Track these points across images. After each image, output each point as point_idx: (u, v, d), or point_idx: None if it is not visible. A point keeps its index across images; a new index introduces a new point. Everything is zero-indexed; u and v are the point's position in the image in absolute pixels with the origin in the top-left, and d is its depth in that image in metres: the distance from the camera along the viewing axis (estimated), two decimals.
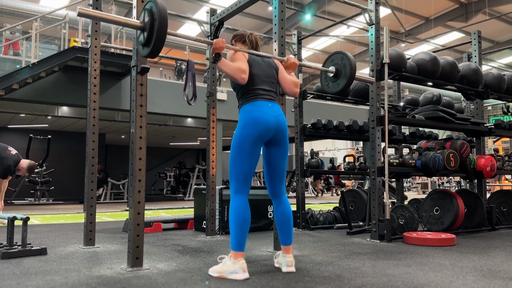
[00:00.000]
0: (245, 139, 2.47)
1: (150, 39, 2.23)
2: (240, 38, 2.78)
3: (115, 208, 8.83)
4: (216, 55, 2.46)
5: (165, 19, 2.18)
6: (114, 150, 16.45)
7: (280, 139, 2.57)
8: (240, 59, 2.54)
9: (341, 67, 3.18)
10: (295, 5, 13.51)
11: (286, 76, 2.74)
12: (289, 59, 2.81)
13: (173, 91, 10.00)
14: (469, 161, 4.53)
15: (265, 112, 2.50)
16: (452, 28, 15.29)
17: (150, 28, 2.22)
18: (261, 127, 2.47)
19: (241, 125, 2.51)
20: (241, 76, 2.46)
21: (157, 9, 2.19)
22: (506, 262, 2.80)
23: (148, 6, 2.30)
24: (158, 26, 2.17)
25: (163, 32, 2.18)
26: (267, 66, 2.68)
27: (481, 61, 5.11)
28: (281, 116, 2.59)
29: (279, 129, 2.55)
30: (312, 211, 4.93)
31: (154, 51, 2.21)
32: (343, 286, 2.15)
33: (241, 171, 2.48)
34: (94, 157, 3.47)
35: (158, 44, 2.20)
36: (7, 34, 9.19)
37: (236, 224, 2.41)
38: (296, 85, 2.73)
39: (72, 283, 2.22)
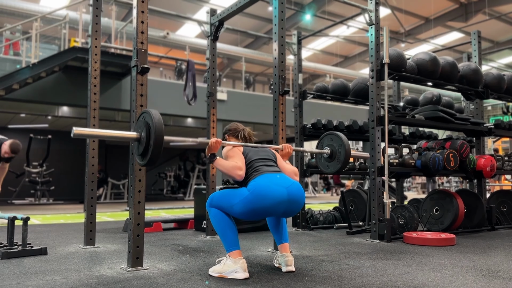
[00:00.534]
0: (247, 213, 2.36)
1: (147, 150, 2.23)
2: (233, 134, 2.77)
3: (115, 208, 8.84)
4: (211, 155, 2.47)
5: (160, 130, 2.16)
6: (114, 150, 16.45)
7: (293, 211, 2.43)
8: (235, 155, 2.51)
9: (334, 147, 3.13)
10: (295, 5, 13.51)
11: (285, 165, 2.68)
12: (284, 147, 2.80)
13: (173, 91, 10.00)
14: (469, 161, 4.53)
15: (275, 183, 2.35)
16: (452, 28, 15.29)
17: (147, 141, 2.21)
18: (270, 201, 2.30)
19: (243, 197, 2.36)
20: (238, 173, 2.41)
21: (152, 120, 2.17)
22: (506, 262, 2.81)
23: (143, 117, 2.28)
24: (154, 138, 2.16)
25: (159, 144, 2.16)
26: (263, 150, 2.66)
27: (481, 61, 5.12)
28: (293, 185, 2.41)
29: (292, 201, 2.37)
30: (312, 211, 4.93)
31: (150, 162, 2.21)
32: (343, 286, 2.16)
33: (229, 211, 2.43)
34: (94, 157, 3.47)
35: (154, 155, 2.19)
36: (7, 34, 9.19)
37: (223, 226, 2.42)
38: (296, 174, 2.67)
39: (72, 283, 2.23)
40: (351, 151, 3.09)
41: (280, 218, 2.63)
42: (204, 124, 11.52)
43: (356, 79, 5.24)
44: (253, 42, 16.40)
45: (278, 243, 2.59)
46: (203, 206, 4.32)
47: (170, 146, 17.78)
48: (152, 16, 12.44)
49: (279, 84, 3.32)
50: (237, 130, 2.78)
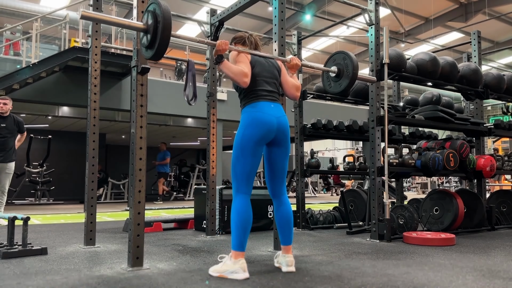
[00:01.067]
0: (247, 140, 2.47)
1: (154, 41, 2.19)
2: (240, 40, 2.76)
3: (116, 208, 8.84)
4: (219, 57, 2.43)
5: (169, 21, 2.14)
6: (115, 150, 16.45)
7: (282, 140, 2.58)
8: (243, 61, 2.52)
9: (343, 67, 3.16)
10: (295, 5, 13.51)
11: (288, 78, 2.73)
12: (292, 59, 2.79)
13: (173, 91, 10.00)
14: (468, 161, 4.54)
15: (267, 113, 2.51)
16: (452, 28, 15.29)
17: (154, 31, 2.18)
18: (263, 128, 2.48)
19: (243, 126, 2.52)
20: (243, 80, 2.44)
21: (161, 11, 2.15)
22: (505, 262, 2.81)
23: (151, 8, 2.26)
24: (162, 28, 2.13)
25: (167, 34, 2.14)
26: (270, 66, 2.67)
27: (480, 61, 5.12)
28: (283, 117, 2.60)
29: (281, 130, 2.56)
30: (312, 211, 4.93)
31: (158, 53, 2.18)
32: (343, 286, 2.16)
33: (243, 172, 2.49)
34: (94, 157, 3.47)
35: (162, 47, 2.16)
36: (7, 34, 9.20)
37: (238, 224, 2.42)
38: (297, 88, 2.72)
39: (72, 283, 2.23)
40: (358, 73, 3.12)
41: (289, 220, 2.60)
42: (204, 124, 11.50)
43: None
44: None
45: (282, 243, 2.59)
46: (203, 206, 4.33)
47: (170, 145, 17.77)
48: None
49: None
50: (243, 36, 2.77)
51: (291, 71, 2.80)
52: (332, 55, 3.41)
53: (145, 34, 2.28)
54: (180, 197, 13.55)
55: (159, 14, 2.17)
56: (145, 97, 2.66)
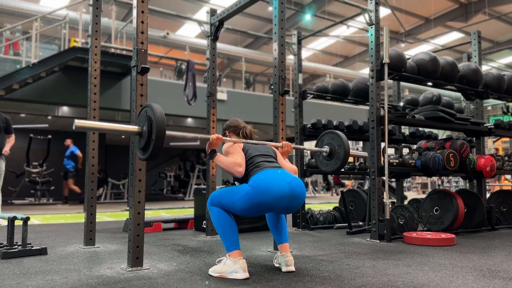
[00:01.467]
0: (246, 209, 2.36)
1: (148, 145, 2.22)
2: (234, 131, 2.76)
3: (115, 208, 8.84)
4: (212, 152, 2.48)
5: (162, 125, 2.16)
6: (114, 150, 16.45)
7: (294, 207, 2.41)
8: (235, 151, 2.51)
9: (333, 146, 3.11)
10: (295, 5, 13.51)
11: (284, 163, 2.68)
12: (284, 145, 2.81)
13: (173, 91, 10.00)
14: (469, 161, 4.53)
15: (276, 178, 2.34)
16: (452, 28, 15.29)
17: (149, 135, 2.21)
18: (271, 195, 2.29)
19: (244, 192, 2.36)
20: (238, 170, 2.42)
21: (154, 114, 2.16)
22: (506, 262, 2.81)
23: (144, 111, 2.28)
24: (156, 132, 2.15)
25: (161, 138, 2.16)
26: (264, 146, 2.65)
27: (481, 61, 5.12)
28: (295, 180, 2.41)
29: (294, 196, 2.36)
30: (312, 211, 4.93)
31: (152, 156, 2.20)
32: (343, 286, 2.16)
33: (230, 208, 2.42)
34: (94, 157, 3.47)
35: (156, 150, 2.19)
36: (7, 34, 9.20)
37: (224, 226, 2.41)
38: (295, 172, 2.65)
39: (72, 283, 2.23)
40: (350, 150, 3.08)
41: (280, 218, 2.63)
42: (204, 124, 11.52)
43: (356, 79, 5.24)
44: (253, 42, 16.40)
45: (278, 243, 2.59)
46: (203, 206, 4.33)
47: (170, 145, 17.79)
48: (152, 16, 12.44)
49: (279, 84, 3.32)
50: (238, 127, 2.76)
51: (284, 156, 2.80)
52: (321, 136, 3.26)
53: (140, 137, 2.29)
54: (180, 197, 13.54)
55: (152, 119, 2.20)
56: (145, 97, 2.66)
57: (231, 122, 2.79)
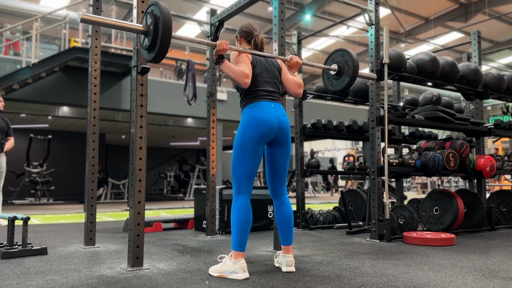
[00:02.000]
0: (247, 140, 2.46)
1: (154, 43, 2.17)
2: (246, 37, 2.72)
3: (115, 208, 8.84)
4: (219, 57, 2.42)
5: (169, 22, 2.11)
6: (115, 150, 16.46)
7: (283, 139, 2.57)
8: (244, 61, 2.50)
9: (343, 64, 3.12)
10: (295, 5, 13.51)
11: (289, 76, 2.71)
12: (292, 58, 2.78)
13: (173, 91, 10.01)
14: (468, 161, 4.54)
15: (268, 113, 2.49)
16: (451, 28, 15.29)
17: (155, 33, 2.15)
18: (264, 127, 2.46)
19: (243, 125, 2.51)
20: (244, 81, 2.43)
21: (161, 12, 2.13)
22: (505, 262, 2.81)
23: (151, 9, 2.24)
24: (163, 30, 2.10)
25: (167, 36, 2.11)
26: (270, 66, 2.65)
27: (480, 61, 5.12)
28: (284, 116, 2.58)
29: (281, 129, 2.54)
30: (312, 211, 4.93)
31: (159, 55, 2.16)
32: (343, 286, 2.16)
33: (243, 171, 2.47)
34: (94, 157, 3.47)
35: (163, 49, 2.14)
36: (7, 34, 9.20)
37: (238, 224, 2.41)
38: (299, 86, 2.70)
39: (72, 283, 2.23)
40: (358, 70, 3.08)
41: (288, 220, 2.60)
42: (204, 124, 11.52)
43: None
44: None
45: (282, 244, 2.59)
46: (203, 206, 4.33)
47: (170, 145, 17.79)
48: None
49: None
50: (250, 33, 2.71)
51: (292, 70, 2.79)
52: (331, 54, 3.37)
53: (146, 36, 2.25)
54: (180, 197, 13.55)
55: (159, 16, 2.14)
56: (145, 97, 2.66)
57: (245, 27, 2.76)
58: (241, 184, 2.49)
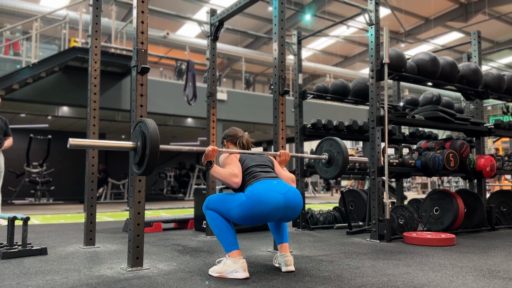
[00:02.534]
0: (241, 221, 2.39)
1: (142, 161, 2.25)
2: (231, 140, 2.78)
3: (115, 208, 8.84)
4: (208, 163, 2.46)
5: (156, 143, 2.18)
6: (114, 150, 16.45)
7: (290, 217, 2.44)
8: (231, 162, 2.52)
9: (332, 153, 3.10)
10: (295, 5, 13.51)
11: (282, 172, 2.67)
12: (282, 154, 2.81)
13: (173, 91, 10.00)
14: (468, 161, 4.54)
15: (271, 190, 2.35)
16: (452, 28, 15.29)
17: (142, 152, 2.24)
18: (268, 206, 2.31)
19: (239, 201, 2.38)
20: (234, 181, 2.42)
21: (148, 129, 2.20)
22: (505, 262, 2.81)
23: (139, 126, 2.31)
24: (150, 149, 2.18)
25: (154, 157, 2.19)
26: (260, 156, 2.67)
27: (480, 61, 5.12)
28: (291, 190, 2.42)
29: (289, 207, 2.38)
30: (312, 211, 4.93)
31: (146, 171, 2.24)
32: (343, 286, 2.16)
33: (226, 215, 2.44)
34: (94, 157, 3.47)
35: (149, 166, 2.22)
36: (7, 34, 9.20)
37: (220, 227, 2.43)
38: (293, 180, 2.65)
39: (72, 283, 2.23)
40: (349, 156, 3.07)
41: None
42: (204, 124, 11.52)
43: (356, 79, 5.24)
44: (253, 42, 16.40)
45: (278, 243, 2.60)
46: None
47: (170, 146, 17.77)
48: (152, 16, 12.43)
49: (279, 84, 3.32)
50: (235, 136, 2.79)
51: (282, 165, 2.80)
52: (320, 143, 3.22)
53: (135, 153, 2.32)
54: (180, 197, 13.55)
55: (146, 134, 2.22)
56: (145, 97, 2.66)
57: (229, 131, 2.82)
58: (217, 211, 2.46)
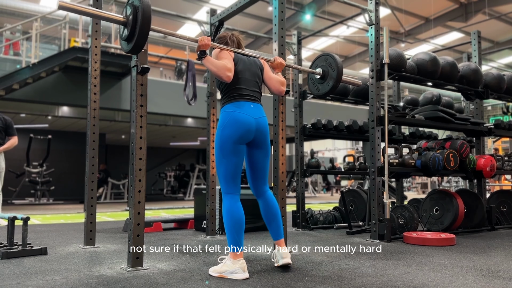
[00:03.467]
0: (226, 140, 2.48)
1: (133, 33, 2.16)
2: (222, 40, 2.74)
3: (115, 208, 8.84)
4: (201, 52, 2.42)
5: (148, 12, 2.11)
6: (115, 150, 16.46)
7: (261, 141, 2.59)
8: (226, 57, 2.53)
9: (327, 67, 3.11)
10: (295, 5, 13.51)
11: (271, 75, 2.73)
12: (275, 59, 2.81)
13: (173, 91, 10.00)
14: (468, 161, 4.53)
15: (246, 114, 2.51)
16: (452, 28, 15.29)
17: (133, 23, 2.16)
18: (241, 128, 2.48)
19: (222, 125, 2.52)
20: (227, 74, 2.44)
21: (140, 2, 2.14)
22: (505, 262, 2.81)
23: (131, 1, 2.25)
24: (142, 20, 2.10)
25: (146, 25, 2.11)
26: (252, 65, 2.66)
27: (480, 61, 5.12)
28: (262, 118, 2.60)
29: (260, 131, 2.56)
30: (312, 211, 4.93)
31: (136, 46, 2.15)
32: (343, 286, 2.16)
33: (227, 171, 2.49)
34: (94, 157, 3.47)
35: (141, 39, 2.13)
36: (7, 34, 9.20)
37: (231, 225, 2.43)
38: (282, 83, 2.72)
39: (72, 283, 2.23)
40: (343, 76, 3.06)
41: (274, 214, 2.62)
42: (204, 124, 11.52)
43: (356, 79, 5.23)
44: (253, 42, 16.40)
45: (274, 239, 2.62)
46: (203, 206, 4.33)
47: (170, 145, 17.79)
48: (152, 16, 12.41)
49: None
50: (225, 36, 2.74)
51: (276, 70, 2.81)
52: (315, 60, 3.28)
53: (125, 27, 2.25)
54: (180, 197, 13.55)
55: (138, 6, 2.15)
56: (145, 97, 2.66)
57: (220, 34, 2.78)
58: (227, 185, 2.51)
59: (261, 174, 2.64)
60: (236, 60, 2.58)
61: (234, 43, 2.72)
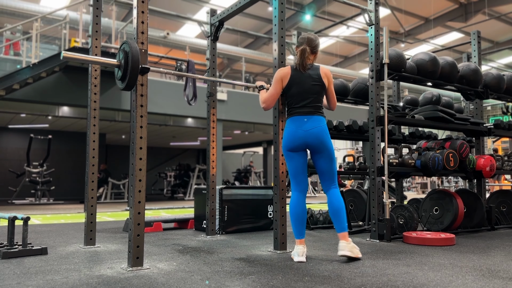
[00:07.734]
0: (283, 149, 3.04)
1: (125, 75, 2.53)
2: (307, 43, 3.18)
3: (116, 208, 8.84)
4: (260, 87, 3.22)
5: (136, 56, 2.47)
6: (115, 150, 16.47)
7: (318, 147, 2.98)
8: (273, 83, 3.08)
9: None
10: (295, 5, 13.51)
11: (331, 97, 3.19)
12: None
13: (174, 91, 10.01)
14: (468, 161, 4.54)
15: (297, 127, 2.97)
16: (451, 28, 15.30)
17: (125, 65, 2.52)
18: (291, 140, 2.97)
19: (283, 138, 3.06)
20: (261, 106, 3.10)
21: (130, 48, 2.48)
22: (505, 261, 2.81)
23: (123, 47, 2.59)
24: (131, 63, 2.46)
25: (135, 70, 2.47)
26: (307, 80, 3.03)
27: (480, 61, 5.12)
28: (315, 128, 2.96)
29: (312, 140, 2.95)
30: (312, 211, 4.94)
31: (128, 85, 2.52)
32: (343, 285, 2.16)
33: (289, 172, 3.05)
34: (94, 157, 3.48)
35: (131, 80, 2.49)
36: (7, 34, 9.21)
37: (293, 217, 2.96)
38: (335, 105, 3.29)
39: (72, 282, 2.23)
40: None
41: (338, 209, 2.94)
42: (204, 124, 11.53)
43: (356, 79, 5.24)
44: (253, 42, 16.41)
45: (337, 231, 2.94)
46: (203, 206, 4.33)
47: (170, 145, 17.80)
48: (152, 16, 12.44)
49: None
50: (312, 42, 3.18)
51: None
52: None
53: (119, 69, 2.60)
54: (180, 197, 13.55)
55: (128, 51, 2.50)
56: (145, 97, 2.66)
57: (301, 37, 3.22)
58: (292, 183, 3.01)
59: (326, 174, 3.03)
60: (291, 83, 3.03)
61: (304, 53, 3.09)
